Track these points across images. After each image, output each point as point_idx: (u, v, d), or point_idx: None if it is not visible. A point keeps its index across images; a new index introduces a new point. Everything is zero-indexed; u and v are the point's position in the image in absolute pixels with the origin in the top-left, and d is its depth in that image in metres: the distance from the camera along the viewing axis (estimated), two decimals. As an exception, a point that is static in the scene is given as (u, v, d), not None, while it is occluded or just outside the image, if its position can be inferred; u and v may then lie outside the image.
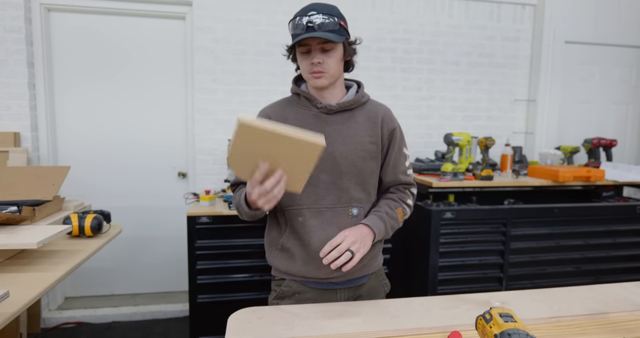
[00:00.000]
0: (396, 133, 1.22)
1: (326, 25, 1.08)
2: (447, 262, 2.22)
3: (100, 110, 2.75)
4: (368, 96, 1.25)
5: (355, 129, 1.17)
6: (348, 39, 1.14)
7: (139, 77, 2.77)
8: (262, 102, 2.79)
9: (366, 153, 1.18)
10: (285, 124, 1.17)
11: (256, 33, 2.75)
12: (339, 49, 1.12)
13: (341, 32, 1.11)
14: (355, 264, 1.05)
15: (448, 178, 2.31)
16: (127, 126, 2.80)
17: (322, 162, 1.15)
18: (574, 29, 3.16)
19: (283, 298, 1.23)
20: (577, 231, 2.37)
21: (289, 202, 1.18)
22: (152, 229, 2.91)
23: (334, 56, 1.11)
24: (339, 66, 1.15)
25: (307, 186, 1.16)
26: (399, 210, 1.22)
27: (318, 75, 1.12)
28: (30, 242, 1.31)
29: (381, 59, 2.94)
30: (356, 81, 1.27)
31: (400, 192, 1.26)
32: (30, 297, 1.15)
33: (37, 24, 2.55)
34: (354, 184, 1.17)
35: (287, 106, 1.22)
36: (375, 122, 1.20)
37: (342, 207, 1.17)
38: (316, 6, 1.11)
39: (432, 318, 1.05)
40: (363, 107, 1.21)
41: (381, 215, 1.17)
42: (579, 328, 1.03)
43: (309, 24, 1.08)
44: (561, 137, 3.28)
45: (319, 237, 1.15)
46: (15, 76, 2.49)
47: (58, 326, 2.65)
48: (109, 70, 2.73)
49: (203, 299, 2.23)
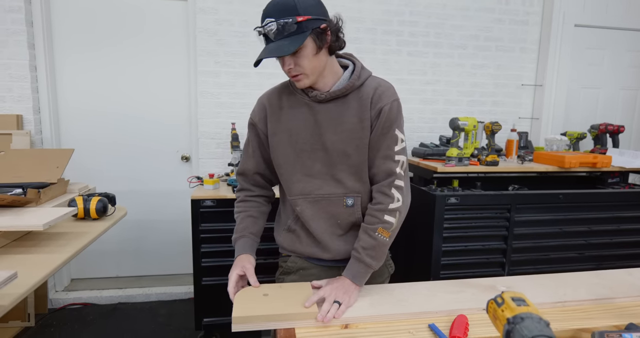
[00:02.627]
0: (383, 112, 1.10)
1: (285, 30, 1.00)
2: (451, 247, 2.23)
3: (103, 93, 2.73)
4: (367, 75, 1.15)
5: (347, 116, 1.12)
6: (317, 29, 1.02)
7: (140, 60, 2.74)
8: (266, 84, 2.71)
9: (359, 141, 1.12)
10: (280, 113, 1.16)
11: (260, 14, 2.69)
12: (308, 46, 1.03)
13: (303, 27, 1.00)
14: (343, 312, 1.00)
15: (453, 163, 2.29)
16: (130, 110, 2.78)
17: (315, 153, 1.14)
18: (584, 12, 3.09)
19: (288, 274, 1.26)
20: (582, 217, 2.36)
21: (288, 191, 1.19)
22: (157, 213, 2.92)
23: (304, 55, 1.04)
24: (316, 61, 1.06)
25: (304, 176, 1.16)
26: (379, 230, 1.10)
27: (296, 78, 1.08)
28: (37, 223, 1.31)
29: (387, 42, 2.89)
30: (352, 59, 1.18)
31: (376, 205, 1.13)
32: (38, 278, 1.16)
33: (37, 4, 2.50)
34: (348, 174, 1.14)
35: (283, 92, 1.19)
36: (366, 104, 1.11)
37: (337, 197, 1.16)
38: (270, 9, 1.03)
39: (438, 302, 1.06)
40: (359, 90, 1.13)
41: (358, 257, 1.10)
42: (585, 313, 1.03)
43: (266, 36, 1.05)
44: (567, 123, 3.25)
45: (318, 224, 1.17)
46: (16, 57, 2.46)
47: (65, 307, 2.69)
48: (111, 52, 2.69)
49: (207, 281, 2.25)
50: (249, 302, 1.01)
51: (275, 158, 1.19)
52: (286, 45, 1.00)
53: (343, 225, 1.18)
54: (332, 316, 0.97)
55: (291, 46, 1.00)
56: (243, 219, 1.25)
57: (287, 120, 1.16)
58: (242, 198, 1.29)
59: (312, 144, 1.14)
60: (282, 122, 1.16)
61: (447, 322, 0.96)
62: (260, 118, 1.20)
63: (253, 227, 1.24)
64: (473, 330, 0.92)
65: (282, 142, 1.16)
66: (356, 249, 1.12)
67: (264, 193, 1.31)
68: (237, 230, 1.24)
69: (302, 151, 1.15)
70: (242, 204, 1.28)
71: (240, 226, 1.24)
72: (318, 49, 1.05)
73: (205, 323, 2.28)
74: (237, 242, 1.22)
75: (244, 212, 1.26)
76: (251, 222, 1.24)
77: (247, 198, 1.28)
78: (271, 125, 1.18)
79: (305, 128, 1.14)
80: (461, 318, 0.95)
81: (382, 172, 1.13)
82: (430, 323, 0.95)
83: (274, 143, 1.18)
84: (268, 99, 1.20)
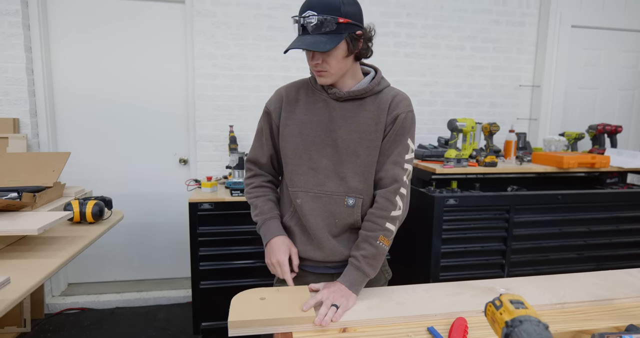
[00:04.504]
0: (399, 119, 1.13)
1: (323, 26, 1.01)
2: (450, 249, 2.22)
3: (100, 96, 2.72)
4: (387, 84, 1.19)
5: (363, 117, 1.13)
6: (352, 34, 1.05)
7: (138, 63, 2.73)
8: (264, 87, 2.76)
9: (370, 142, 1.13)
10: (296, 105, 1.18)
11: (257, 17, 2.70)
12: (340, 48, 1.05)
13: (341, 29, 1.02)
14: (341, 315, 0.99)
15: (451, 164, 2.29)
16: (128, 114, 2.77)
17: (324, 148, 1.14)
18: (580, 13, 3.09)
19: (284, 281, 1.24)
20: (581, 218, 2.36)
21: (290, 183, 1.18)
22: (155, 216, 2.90)
23: (334, 56, 1.05)
24: (343, 63, 1.08)
25: (309, 170, 1.16)
26: (381, 238, 1.10)
27: (320, 74, 1.10)
28: (31, 228, 1.30)
29: (384, 44, 2.89)
30: (374, 68, 1.22)
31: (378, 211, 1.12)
32: (32, 283, 1.15)
33: (34, 7, 2.49)
34: (353, 173, 1.14)
35: (302, 87, 1.20)
36: (383, 109, 1.13)
37: (339, 195, 1.15)
38: (314, 2, 1.02)
39: (437, 304, 1.05)
40: (377, 96, 1.15)
41: (358, 265, 1.09)
42: (584, 315, 1.02)
43: (303, 26, 1.04)
44: (565, 123, 3.25)
45: (315, 221, 1.16)
46: (13, 61, 2.45)
47: (61, 312, 2.67)
48: (108, 54, 2.69)
49: (206, 285, 2.24)
50: (246, 306, 1.00)
51: (283, 148, 1.19)
52: (323, 42, 1.01)
53: (340, 225, 1.17)
54: (330, 319, 0.96)
55: (327, 44, 1.01)
56: (265, 202, 1.23)
57: (301, 113, 1.17)
58: (258, 184, 1.27)
59: (322, 138, 1.15)
60: (296, 113, 1.17)
61: (446, 324, 0.95)
62: (276, 107, 1.20)
63: (277, 210, 1.24)
64: (472, 333, 0.91)
65: (293, 133, 1.16)
66: (355, 257, 1.11)
67: (275, 181, 1.32)
68: (263, 211, 1.22)
69: (311, 144, 1.15)
70: (258, 189, 1.26)
71: (266, 207, 1.22)
72: (349, 52, 1.08)
73: (204, 328, 2.27)
74: (267, 223, 1.20)
75: (264, 196, 1.25)
76: (273, 206, 1.24)
77: (264, 184, 1.27)
78: (285, 115, 1.18)
79: (318, 122, 1.15)
80: (460, 321, 0.94)
81: (389, 177, 1.13)
82: (429, 326, 0.95)
83: (285, 133, 1.18)
84: (286, 91, 1.21)
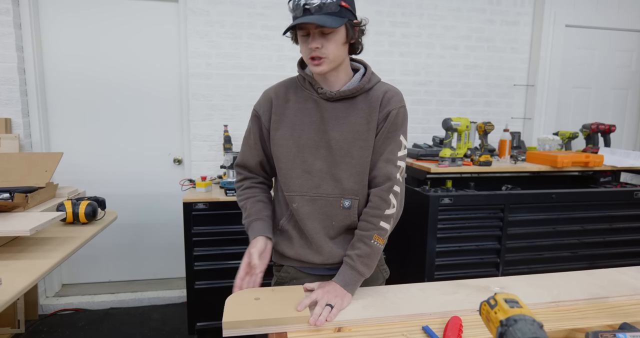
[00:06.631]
0: (391, 115, 1.11)
1: (326, 7, 1.00)
2: (445, 248, 2.22)
3: (93, 96, 2.70)
4: (377, 79, 1.17)
5: (355, 117, 1.12)
6: (352, 21, 1.05)
7: (133, 61, 2.71)
8: (259, 86, 2.74)
9: (363, 142, 1.11)
10: (286, 106, 1.15)
11: (251, 16, 2.69)
12: (341, 32, 1.04)
13: (343, 13, 1.02)
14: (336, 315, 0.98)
15: (446, 163, 2.29)
16: (121, 113, 2.75)
17: (318, 150, 1.13)
18: (574, 13, 3.11)
19: (282, 284, 1.24)
20: (574, 216, 2.37)
21: (285, 187, 1.16)
22: (149, 216, 2.89)
23: (335, 40, 1.04)
24: (341, 50, 1.07)
25: (304, 173, 1.14)
26: (375, 237, 1.10)
27: (317, 62, 1.06)
28: (23, 229, 1.29)
29: (379, 43, 2.89)
30: (364, 63, 1.20)
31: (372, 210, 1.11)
32: (24, 284, 1.14)
33: (25, 5, 2.47)
34: (348, 175, 1.13)
35: (291, 87, 1.18)
36: (375, 106, 1.12)
37: (335, 197, 1.14)
38: None
39: (432, 304, 1.05)
40: (368, 93, 1.13)
41: (352, 264, 1.09)
42: (579, 313, 1.02)
43: (305, 6, 1.01)
44: (559, 123, 3.26)
45: (312, 224, 1.14)
46: (4, 60, 2.42)
47: (56, 313, 2.65)
48: (103, 54, 2.67)
49: (200, 285, 2.23)
50: (240, 306, 0.99)
51: (275, 151, 1.16)
52: (329, 20, 0.99)
53: (337, 227, 1.16)
54: (325, 319, 0.95)
55: (334, 22, 1.00)
56: (254, 204, 1.21)
57: (292, 114, 1.14)
58: (248, 185, 1.25)
59: (315, 140, 1.13)
60: (286, 115, 1.15)
61: (441, 323, 0.95)
62: (265, 110, 1.18)
63: (266, 211, 1.21)
64: (467, 332, 0.91)
65: (285, 136, 1.14)
66: (350, 256, 1.10)
67: (267, 182, 1.29)
68: (250, 214, 1.19)
69: (304, 147, 1.13)
70: (248, 191, 1.24)
71: (253, 210, 1.19)
72: (347, 39, 1.07)
73: (199, 328, 2.26)
74: (252, 224, 1.17)
75: (253, 197, 1.22)
76: (263, 206, 1.21)
77: (253, 185, 1.25)
78: (275, 118, 1.15)
79: (310, 124, 1.13)
80: (455, 319, 0.94)
81: (382, 175, 1.12)
82: (424, 325, 0.94)
83: (277, 137, 1.15)
84: (275, 92, 1.18)
